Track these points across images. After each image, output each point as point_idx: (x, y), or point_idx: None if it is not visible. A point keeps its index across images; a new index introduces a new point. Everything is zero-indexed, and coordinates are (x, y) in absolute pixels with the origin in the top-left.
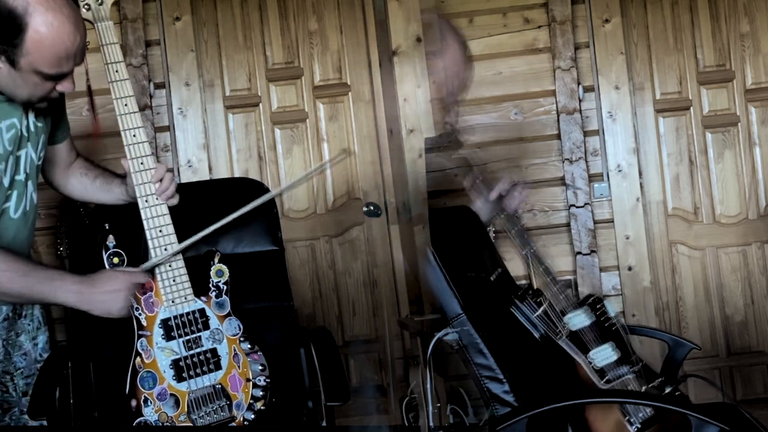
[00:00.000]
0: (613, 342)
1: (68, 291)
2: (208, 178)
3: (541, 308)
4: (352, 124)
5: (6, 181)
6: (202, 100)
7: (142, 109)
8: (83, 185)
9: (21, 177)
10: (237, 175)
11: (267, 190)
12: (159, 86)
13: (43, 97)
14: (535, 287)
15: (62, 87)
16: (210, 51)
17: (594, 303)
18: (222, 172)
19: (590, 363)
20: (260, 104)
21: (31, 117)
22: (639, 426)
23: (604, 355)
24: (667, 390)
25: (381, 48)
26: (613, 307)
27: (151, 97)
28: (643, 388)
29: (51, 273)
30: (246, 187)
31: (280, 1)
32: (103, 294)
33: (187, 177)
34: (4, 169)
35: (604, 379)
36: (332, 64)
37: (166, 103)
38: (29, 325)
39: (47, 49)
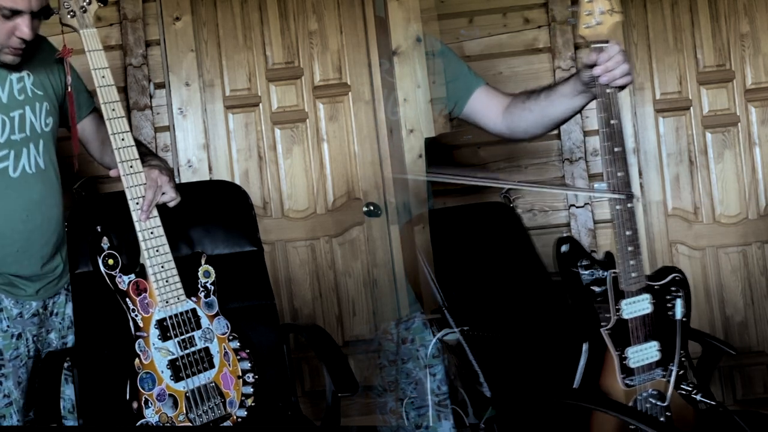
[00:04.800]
0: (660, 341)
1: None
2: (208, 178)
3: (601, 288)
4: (352, 124)
5: None
6: (202, 100)
7: (142, 109)
8: (113, 161)
9: (17, 137)
10: (237, 175)
11: (244, 193)
12: (159, 86)
13: (2, 43)
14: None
15: (19, 32)
16: (210, 51)
17: (665, 288)
18: (222, 172)
19: (624, 360)
20: (260, 104)
21: (29, 82)
22: None
23: (645, 354)
24: (699, 398)
25: (381, 48)
26: (681, 305)
27: (151, 97)
28: (668, 395)
29: None
30: (224, 190)
31: (280, 1)
32: None
33: (187, 177)
34: None
35: (627, 380)
36: (332, 64)
37: (166, 103)
38: (60, 323)
39: None
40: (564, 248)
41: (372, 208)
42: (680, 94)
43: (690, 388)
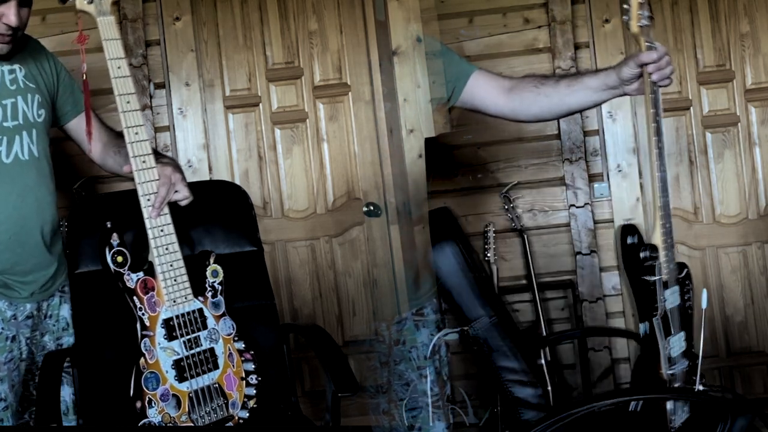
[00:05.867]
0: (686, 331)
1: None
2: (208, 178)
3: (654, 278)
4: (352, 124)
5: None
6: (202, 100)
7: (142, 109)
8: (117, 163)
9: (9, 124)
10: (237, 175)
11: (244, 193)
12: (159, 86)
13: None
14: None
15: (6, 18)
16: (210, 51)
17: (683, 281)
18: (222, 172)
19: (666, 349)
20: (260, 104)
21: (20, 75)
22: (675, 428)
23: (680, 344)
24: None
25: (381, 48)
26: (705, 296)
27: (151, 97)
28: (697, 385)
29: None
30: (224, 190)
31: (280, 1)
32: None
33: (187, 177)
34: None
35: (670, 370)
36: (332, 64)
37: (166, 103)
38: (54, 325)
39: None
40: (630, 239)
41: (372, 208)
42: (680, 94)
43: (700, 378)
